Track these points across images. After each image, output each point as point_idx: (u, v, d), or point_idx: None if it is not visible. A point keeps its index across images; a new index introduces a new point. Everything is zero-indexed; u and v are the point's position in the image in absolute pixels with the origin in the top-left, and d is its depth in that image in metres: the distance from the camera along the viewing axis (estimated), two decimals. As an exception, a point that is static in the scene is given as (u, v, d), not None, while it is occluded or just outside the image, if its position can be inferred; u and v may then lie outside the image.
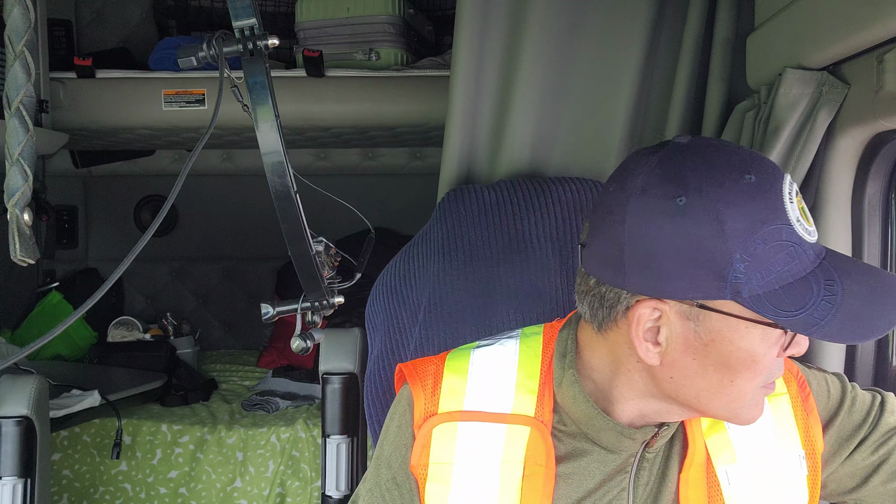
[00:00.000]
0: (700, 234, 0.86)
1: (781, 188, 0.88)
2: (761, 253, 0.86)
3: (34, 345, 0.82)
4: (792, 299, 0.88)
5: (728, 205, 0.86)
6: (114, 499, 2.71)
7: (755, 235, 0.86)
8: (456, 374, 1.07)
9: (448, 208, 1.62)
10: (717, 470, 1.04)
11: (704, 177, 0.88)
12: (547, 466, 1.02)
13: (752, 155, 0.92)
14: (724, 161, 0.89)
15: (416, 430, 1.06)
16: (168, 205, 0.90)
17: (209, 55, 1.05)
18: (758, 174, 0.88)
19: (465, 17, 1.67)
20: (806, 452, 1.06)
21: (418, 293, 1.55)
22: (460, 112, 1.72)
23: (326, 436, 2.22)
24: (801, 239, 0.88)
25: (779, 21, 1.52)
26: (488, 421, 1.03)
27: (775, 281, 0.88)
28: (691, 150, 0.91)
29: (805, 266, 0.89)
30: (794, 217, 0.88)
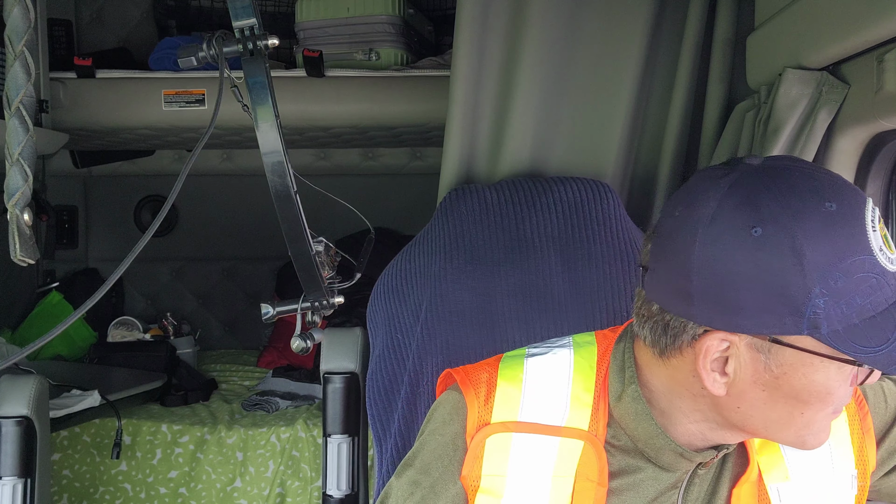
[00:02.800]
0: (777, 268, 0.82)
1: (864, 216, 0.83)
2: (842, 287, 0.82)
3: (34, 345, 0.82)
4: (873, 334, 0.84)
5: (807, 236, 0.82)
6: (114, 499, 2.71)
7: (836, 269, 0.82)
8: (510, 382, 1.04)
9: (449, 208, 1.62)
10: (768, 487, 1.02)
11: (782, 205, 0.83)
12: (599, 482, 1.00)
13: (832, 179, 0.87)
14: (803, 187, 0.84)
15: (469, 439, 1.03)
16: (168, 205, 0.90)
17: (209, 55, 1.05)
18: (839, 202, 0.83)
19: (465, 17, 1.67)
20: (858, 472, 1.05)
21: (419, 292, 1.55)
22: (460, 112, 1.72)
23: (327, 435, 2.22)
24: (883, 269, 0.83)
25: (779, 21, 1.52)
26: (542, 433, 1.01)
27: (856, 315, 0.83)
28: (766, 174, 0.87)
29: (888, 297, 0.84)
30: (878, 246, 0.83)
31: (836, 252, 0.82)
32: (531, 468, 1.00)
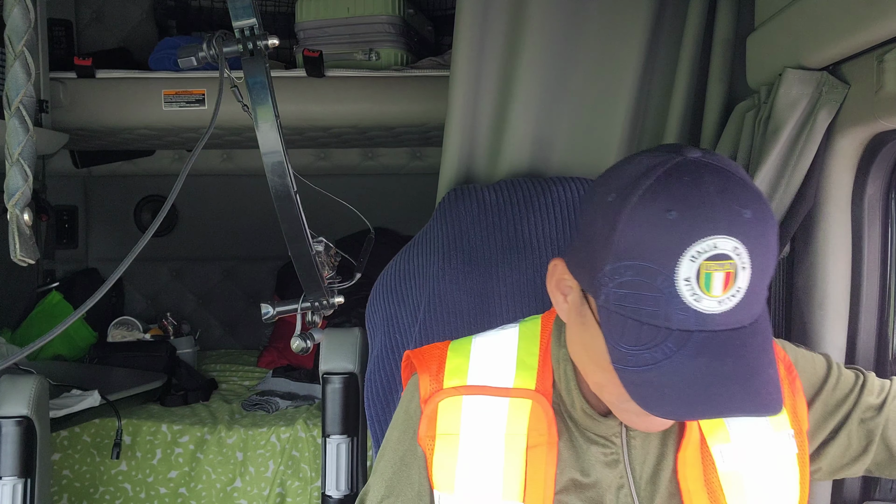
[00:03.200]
0: (598, 230, 0.90)
1: (692, 243, 0.84)
2: (625, 279, 0.87)
3: (34, 345, 0.82)
4: (631, 335, 0.89)
5: (630, 220, 0.87)
6: (114, 499, 2.71)
7: (630, 262, 0.87)
8: (459, 356, 1.12)
9: (448, 208, 1.62)
10: (711, 450, 1.06)
11: (637, 185, 0.89)
12: (549, 438, 1.05)
13: (727, 198, 0.86)
14: (682, 187, 0.87)
15: (423, 405, 1.09)
16: (168, 205, 0.90)
17: (209, 55, 1.05)
18: (684, 218, 0.85)
19: (465, 17, 1.67)
20: (794, 431, 1.09)
21: (418, 293, 1.55)
22: (460, 112, 1.72)
23: (327, 436, 2.22)
24: (676, 294, 0.85)
25: (779, 21, 1.52)
26: (491, 395, 1.07)
27: (629, 311, 0.88)
28: (684, 166, 0.90)
29: (670, 322, 0.86)
30: (684, 276, 0.85)
31: (639, 250, 0.86)
32: (484, 427, 1.06)
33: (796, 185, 1.49)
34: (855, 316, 1.51)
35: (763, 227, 0.87)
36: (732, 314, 0.87)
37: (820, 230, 1.50)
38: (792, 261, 1.60)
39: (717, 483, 1.05)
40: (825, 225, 1.49)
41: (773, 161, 1.47)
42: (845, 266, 1.50)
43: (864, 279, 1.50)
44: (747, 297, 0.87)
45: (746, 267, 0.86)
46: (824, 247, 1.50)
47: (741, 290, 0.86)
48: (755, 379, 0.88)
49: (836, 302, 1.50)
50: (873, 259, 1.49)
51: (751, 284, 0.87)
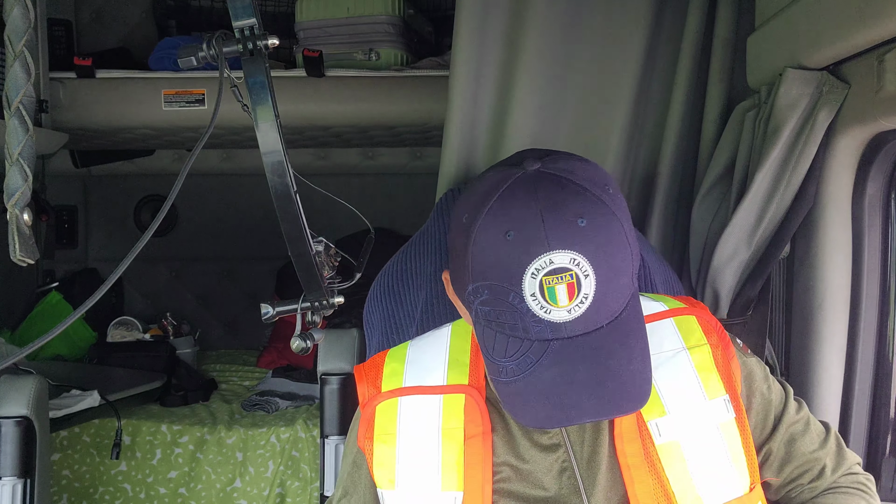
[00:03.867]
0: (458, 254, 0.98)
1: (529, 262, 0.91)
2: (487, 298, 0.95)
3: (34, 345, 0.82)
4: (499, 345, 0.96)
5: (477, 245, 0.94)
6: (114, 499, 2.71)
7: (484, 282, 0.94)
8: (395, 360, 1.17)
9: (446, 208, 1.62)
10: (648, 424, 1.08)
11: (481, 212, 0.95)
12: (484, 428, 1.09)
13: (543, 217, 0.92)
14: (516, 206, 0.94)
15: (362, 410, 1.15)
16: (168, 205, 0.90)
17: (209, 55, 1.05)
18: (519, 238, 0.92)
19: (465, 17, 1.67)
20: (730, 396, 1.10)
21: (415, 293, 1.55)
22: (460, 112, 1.72)
23: (325, 436, 2.22)
24: (528, 309, 0.92)
25: (779, 21, 1.52)
26: (426, 393, 1.12)
27: (494, 324, 0.96)
28: (515, 186, 0.96)
29: (528, 333, 0.93)
30: (530, 293, 0.91)
31: (489, 271, 0.94)
32: (420, 425, 1.11)
33: (796, 185, 1.49)
34: (855, 316, 1.51)
35: (603, 231, 0.93)
36: (584, 319, 0.93)
37: (820, 230, 1.50)
38: (792, 261, 1.60)
39: (656, 455, 1.07)
40: (825, 225, 1.49)
41: (773, 161, 1.47)
42: (845, 266, 1.50)
43: (864, 279, 1.50)
44: (597, 301, 0.93)
45: (589, 274, 0.91)
46: (824, 247, 1.50)
47: (588, 297, 0.92)
48: (609, 382, 0.93)
49: (836, 302, 1.50)
50: (873, 259, 1.49)
51: (598, 288, 0.92)
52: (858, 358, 1.51)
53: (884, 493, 1.55)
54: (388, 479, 1.11)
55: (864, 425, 1.54)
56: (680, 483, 1.07)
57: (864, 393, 1.53)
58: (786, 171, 1.47)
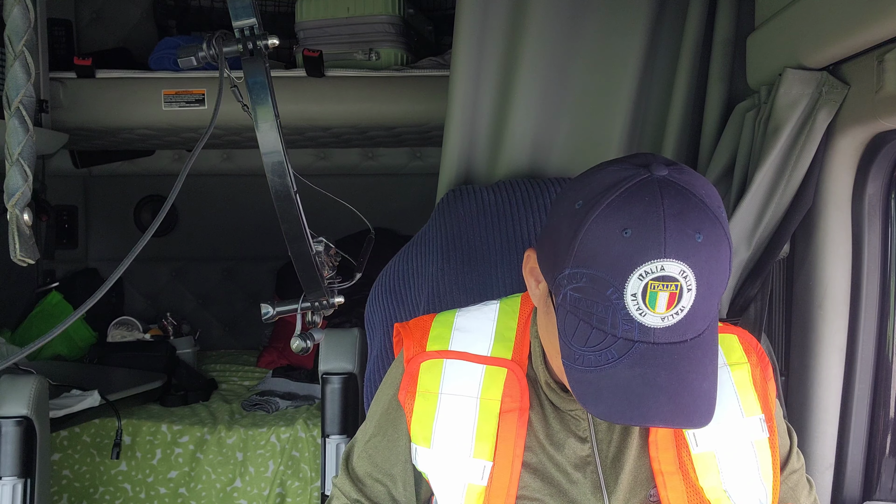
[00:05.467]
0: (563, 232, 0.97)
1: (641, 263, 0.91)
2: (582, 286, 0.94)
3: (34, 345, 0.82)
4: (581, 335, 0.96)
5: (589, 232, 0.93)
6: (114, 499, 2.71)
7: (586, 270, 0.94)
8: (442, 326, 1.20)
9: (447, 209, 1.62)
10: (685, 433, 1.11)
11: (603, 198, 0.94)
12: (521, 404, 1.12)
13: (665, 224, 0.91)
14: (642, 204, 0.93)
15: (406, 364, 1.18)
16: (168, 205, 0.90)
17: (209, 55, 1.05)
18: (637, 238, 0.91)
19: (465, 17, 1.67)
20: (765, 416, 1.13)
21: (417, 293, 1.55)
22: (460, 112, 1.72)
23: (326, 436, 2.22)
24: (623, 307, 0.92)
25: (779, 21, 1.52)
26: (470, 360, 1.15)
27: (581, 313, 0.95)
28: (641, 187, 0.94)
29: (616, 330, 0.94)
30: (631, 292, 0.91)
31: (595, 261, 0.93)
32: (461, 389, 1.13)
33: (796, 185, 1.49)
34: (855, 316, 1.51)
35: (714, 251, 0.93)
36: (674, 330, 0.93)
37: (820, 230, 1.50)
38: (792, 261, 1.60)
39: (691, 464, 1.10)
40: (825, 225, 1.49)
41: (773, 161, 1.47)
42: (845, 266, 1.50)
43: (864, 279, 1.50)
44: (690, 316, 0.93)
45: (692, 289, 0.92)
46: (824, 247, 1.50)
47: (684, 310, 0.93)
48: (685, 393, 0.94)
49: (836, 302, 1.50)
50: (873, 259, 1.49)
51: (695, 304, 0.93)
52: (858, 358, 1.51)
53: (883, 492, 1.55)
54: (425, 436, 1.14)
55: (864, 425, 1.54)
56: (714, 492, 1.10)
57: (864, 393, 1.53)
58: (785, 170, 1.47)
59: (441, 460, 1.13)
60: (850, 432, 1.53)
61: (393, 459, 1.19)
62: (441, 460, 1.13)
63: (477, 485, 1.11)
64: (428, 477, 1.16)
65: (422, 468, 1.16)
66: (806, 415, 1.55)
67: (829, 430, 1.54)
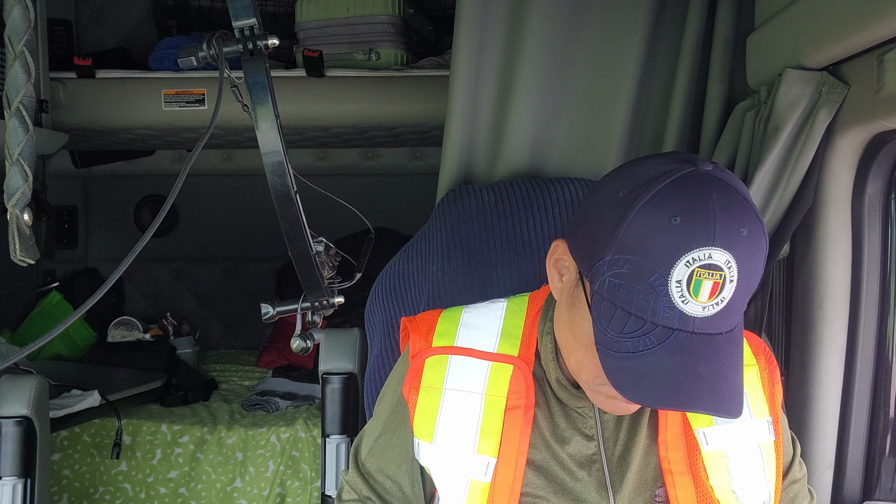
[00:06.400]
0: (605, 219, 0.96)
1: (690, 250, 0.91)
2: (623, 270, 0.94)
3: (34, 345, 0.82)
4: (618, 322, 0.95)
5: (635, 218, 0.93)
6: (114, 499, 2.71)
7: (630, 257, 0.93)
8: (449, 321, 1.20)
9: (447, 209, 1.62)
10: (695, 432, 1.12)
11: (649, 185, 0.94)
12: (527, 401, 1.12)
13: (730, 210, 0.92)
14: (688, 192, 0.93)
15: (411, 360, 1.18)
16: (168, 205, 0.90)
17: (209, 55, 1.05)
18: (687, 226, 0.91)
19: (465, 17, 1.67)
20: (772, 419, 1.14)
21: (417, 293, 1.55)
22: (460, 112, 1.72)
23: (326, 436, 2.22)
24: (667, 295, 0.92)
25: (779, 21, 1.52)
26: (476, 357, 1.15)
27: (619, 300, 0.95)
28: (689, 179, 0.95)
29: (656, 317, 0.93)
30: (676, 279, 0.91)
31: (640, 247, 0.93)
32: (466, 385, 1.14)
33: (796, 185, 1.49)
34: (855, 316, 1.51)
35: (755, 246, 0.94)
36: (713, 320, 0.94)
37: (820, 230, 1.50)
38: (792, 261, 1.60)
39: (702, 463, 1.11)
40: (825, 225, 1.49)
41: (773, 161, 1.47)
42: (845, 266, 1.50)
43: (864, 279, 1.50)
44: (729, 308, 0.94)
45: (734, 280, 0.92)
46: (824, 247, 1.50)
47: (725, 300, 0.93)
48: (723, 384, 0.94)
49: (836, 302, 1.50)
50: (873, 259, 1.49)
51: (734, 296, 0.93)
52: (858, 357, 1.51)
53: (883, 492, 1.55)
54: (428, 431, 1.14)
55: (864, 425, 1.54)
56: (723, 492, 1.11)
57: (864, 393, 1.53)
58: (785, 170, 1.47)
59: (443, 455, 1.14)
60: (850, 432, 1.54)
61: (402, 457, 1.21)
62: (443, 455, 1.14)
63: (480, 481, 1.12)
64: (430, 472, 1.17)
65: (424, 463, 1.17)
66: (806, 415, 1.55)
67: (829, 430, 1.54)
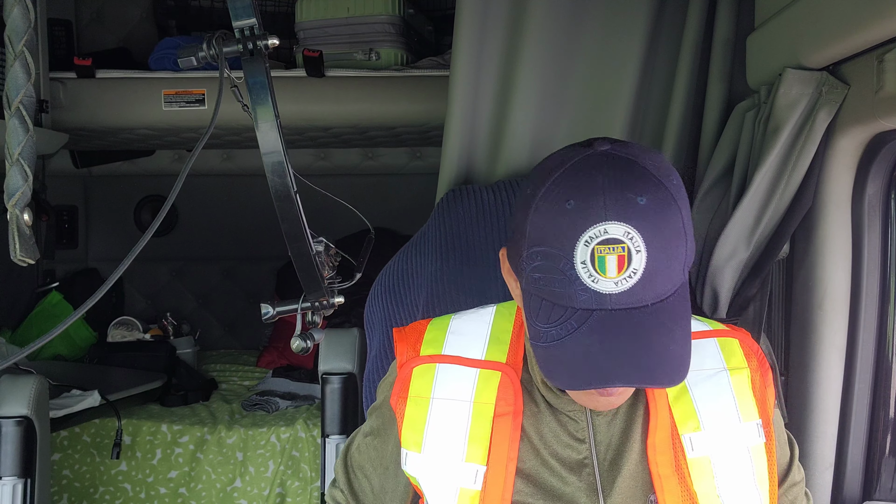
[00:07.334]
0: (518, 224, 1.00)
1: (585, 229, 0.92)
2: (537, 265, 0.96)
3: (34, 345, 0.82)
4: (544, 311, 0.97)
5: (537, 213, 0.96)
6: (114, 499, 2.71)
7: (538, 248, 0.95)
8: (437, 329, 1.20)
9: (447, 208, 1.62)
10: (682, 437, 1.10)
11: (545, 182, 0.97)
12: (515, 408, 1.11)
13: (620, 185, 0.93)
14: (581, 179, 0.95)
15: (399, 370, 1.17)
16: (168, 205, 0.90)
17: (209, 55, 1.05)
18: (579, 205, 0.93)
19: (465, 17, 1.67)
20: (762, 421, 1.12)
21: (416, 293, 1.55)
22: (460, 112, 1.72)
23: (326, 435, 2.22)
24: (577, 277, 0.93)
25: (779, 21, 1.52)
26: (463, 365, 1.14)
27: (545, 294, 0.96)
28: (593, 159, 0.97)
29: (574, 302, 0.94)
30: (580, 260, 0.92)
31: (545, 237, 0.95)
32: (453, 393, 1.13)
33: (796, 185, 1.49)
34: (855, 316, 1.51)
35: (660, 213, 0.93)
36: (632, 294, 0.93)
37: (820, 230, 1.50)
38: (792, 261, 1.60)
39: (687, 469, 1.10)
40: (825, 225, 1.49)
41: (773, 161, 1.47)
42: (845, 266, 1.50)
43: (864, 279, 1.50)
44: (646, 279, 0.93)
45: (641, 250, 0.92)
46: (824, 247, 1.50)
47: (638, 272, 0.92)
48: (649, 356, 0.93)
49: (836, 302, 1.50)
50: (873, 259, 1.49)
51: (649, 267, 0.92)
52: (858, 357, 1.51)
53: (883, 492, 1.55)
54: (416, 441, 1.14)
55: (864, 425, 1.54)
56: (707, 498, 1.09)
57: (864, 392, 1.53)
58: (785, 170, 1.47)
59: (432, 465, 1.13)
60: (850, 432, 1.53)
61: (378, 463, 1.23)
62: (432, 465, 1.13)
63: (470, 489, 1.11)
64: (419, 482, 1.15)
65: (412, 473, 1.15)
66: (806, 415, 1.55)
67: (829, 430, 1.54)
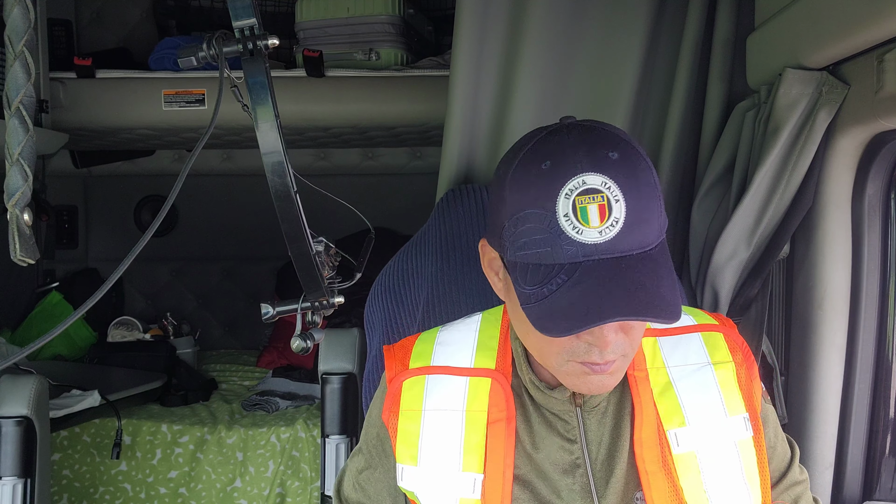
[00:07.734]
0: (495, 202, 1.02)
1: (564, 183, 0.94)
2: (518, 230, 0.97)
3: (34, 345, 0.82)
4: (532, 275, 0.97)
5: (513, 181, 0.98)
6: (114, 499, 2.71)
7: (518, 212, 0.97)
8: (425, 343, 1.20)
9: (447, 208, 1.62)
10: (667, 433, 1.10)
11: (518, 153, 1.00)
12: (508, 414, 1.11)
13: (578, 148, 0.96)
14: (554, 145, 0.98)
15: (389, 384, 1.17)
16: (168, 205, 0.90)
17: (209, 55, 1.05)
18: (555, 164, 0.96)
19: (465, 17, 1.67)
20: (749, 415, 1.12)
21: (416, 293, 1.55)
22: (460, 112, 1.72)
23: (326, 436, 2.22)
24: (561, 231, 0.94)
25: (779, 21, 1.52)
26: (453, 374, 1.15)
27: (531, 257, 0.97)
28: (561, 130, 1.00)
29: (561, 257, 0.95)
30: (563, 213, 0.94)
31: (525, 199, 0.97)
32: (445, 404, 1.13)
33: (796, 185, 1.49)
34: (855, 316, 1.51)
35: (632, 165, 0.96)
36: (616, 242, 0.95)
37: (820, 230, 1.50)
38: (792, 261, 1.60)
39: (673, 465, 1.09)
40: (825, 225, 1.49)
41: (773, 161, 1.47)
42: (845, 266, 1.50)
43: (864, 279, 1.50)
44: (628, 227, 0.95)
45: (619, 199, 0.94)
46: (824, 247, 1.50)
47: (619, 220, 0.94)
48: (640, 294, 0.94)
49: (836, 302, 1.50)
50: (873, 259, 1.49)
51: (629, 215, 0.95)
52: (858, 357, 1.51)
53: (883, 492, 1.55)
54: (411, 455, 1.13)
55: (864, 425, 1.54)
56: (693, 494, 1.09)
57: (864, 392, 1.53)
58: (785, 170, 1.47)
59: (429, 477, 1.12)
60: (850, 432, 1.53)
61: (385, 491, 1.21)
62: (429, 477, 1.12)
63: (469, 498, 1.10)
64: (416, 496, 1.14)
65: (408, 488, 1.14)
66: (806, 414, 1.55)
67: (829, 430, 1.54)
